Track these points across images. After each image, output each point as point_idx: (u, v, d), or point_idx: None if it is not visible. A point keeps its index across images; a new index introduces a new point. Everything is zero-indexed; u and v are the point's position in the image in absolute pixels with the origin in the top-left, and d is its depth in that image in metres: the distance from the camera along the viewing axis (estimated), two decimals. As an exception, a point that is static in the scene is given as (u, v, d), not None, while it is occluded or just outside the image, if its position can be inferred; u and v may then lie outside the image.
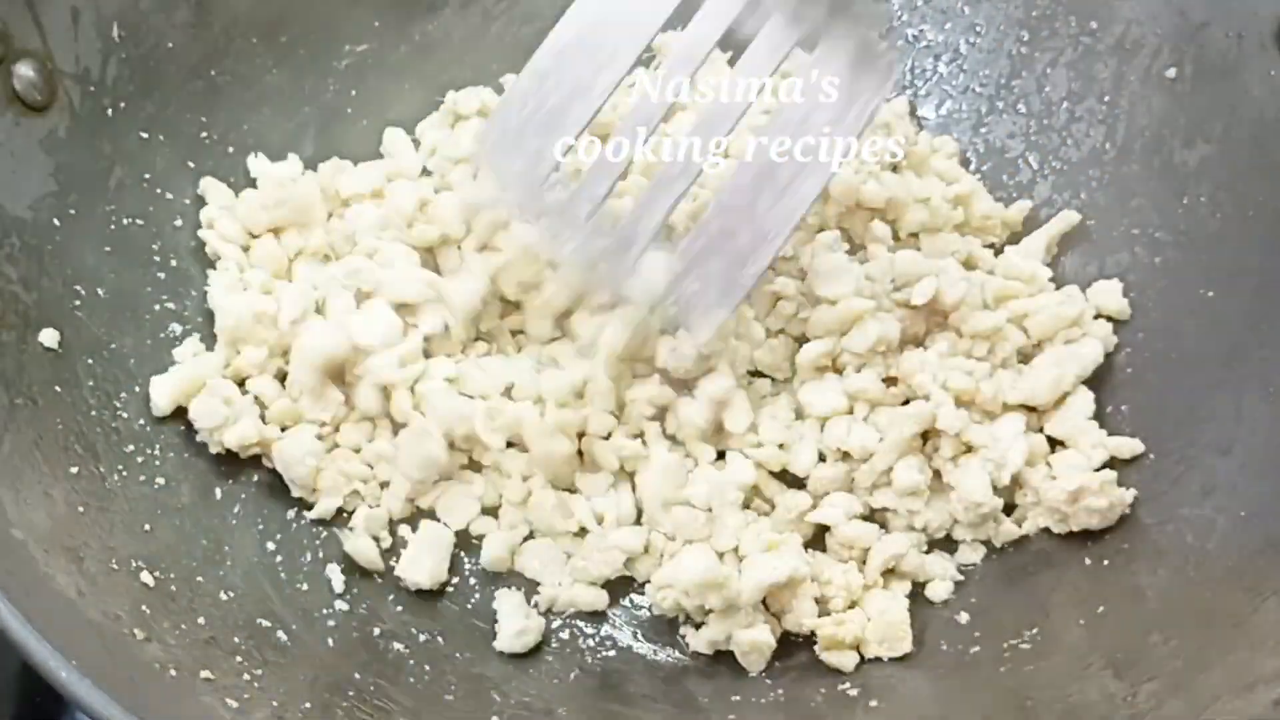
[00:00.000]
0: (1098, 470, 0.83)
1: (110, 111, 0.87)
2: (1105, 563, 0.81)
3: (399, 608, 0.83)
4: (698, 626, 0.82)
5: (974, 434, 0.84)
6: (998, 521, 0.85)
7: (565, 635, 0.84)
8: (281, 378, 0.88)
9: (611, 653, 0.84)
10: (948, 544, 0.86)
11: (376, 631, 0.81)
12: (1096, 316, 0.90)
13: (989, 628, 0.81)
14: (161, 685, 0.68)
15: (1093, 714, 0.72)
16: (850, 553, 0.84)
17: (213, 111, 0.93)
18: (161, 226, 0.90)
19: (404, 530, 0.86)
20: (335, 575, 0.83)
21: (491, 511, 0.87)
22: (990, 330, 0.87)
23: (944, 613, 0.83)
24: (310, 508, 0.85)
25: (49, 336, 0.80)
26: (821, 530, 0.86)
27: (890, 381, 0.87)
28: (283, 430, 0.86)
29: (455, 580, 0.86)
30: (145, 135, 0.90)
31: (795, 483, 0.87)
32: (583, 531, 0.86)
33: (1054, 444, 0.87)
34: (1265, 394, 0.81)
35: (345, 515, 0.86)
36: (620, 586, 0.85)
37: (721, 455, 0.87)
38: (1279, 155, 0.85)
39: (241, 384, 0.87)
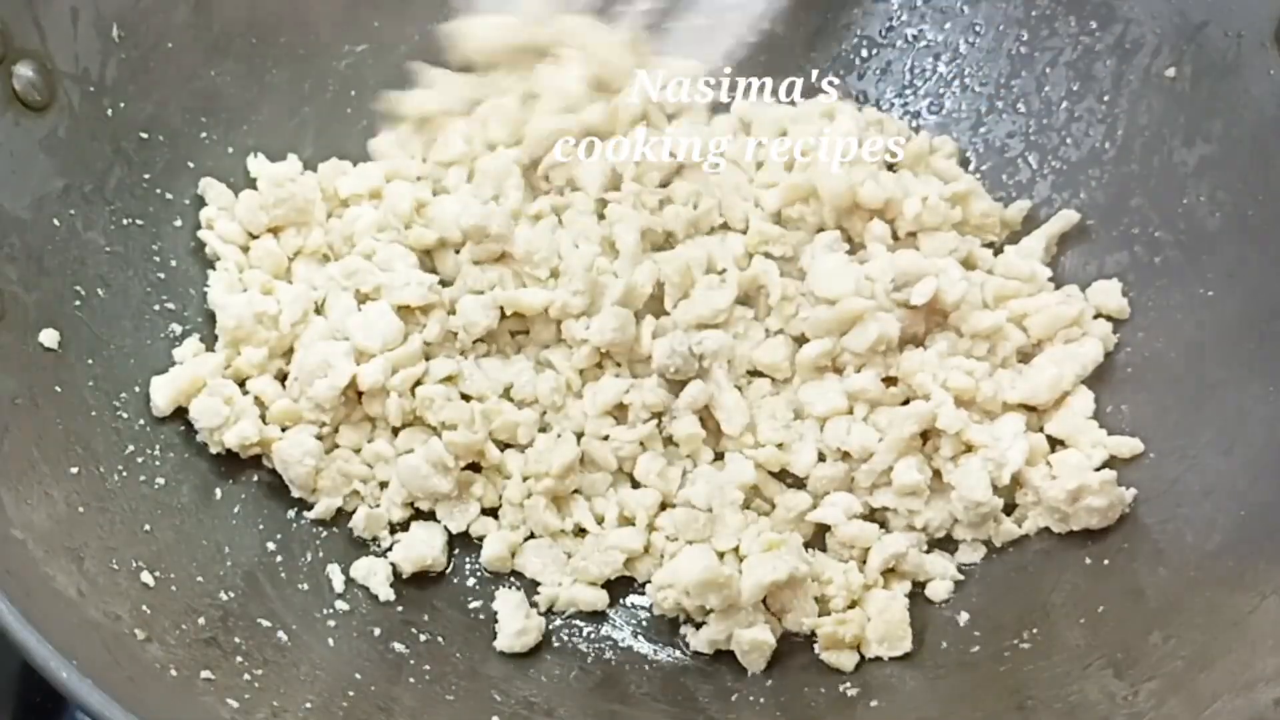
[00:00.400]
0: (1098, 470, 0.83)
1: (110, 111, 0.87)
2: (1105, 562, 0.81)
3: (399, 608, 0.83)
4: (698, 626, 0.82)
5: (974, 434, 0.84)
6: (998, 521, 0.85)
7: (565, 635, 0.84)
8: (281, 378, 0.88)
9: (611, 653, 0.84)
10: (948, 544, 0.86)
11: (376, 631, 0.81)
12: (1096, 316, 0.90)
13: (989, 628, 0.81)
14: (161, 685, 0.68)
15: (1093, 714, 0.72)
16: (850, 552, 0.84)
17: (213, 111, 0.93)
18: (161, 226, 0.90)
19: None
20: (335, 575, 0.83)
21: (491, 512, 0.87)
22: (990, 330, 0.87)
23: (944, 612, 0.83)
24: (310, 508, 0.85)
25: (49, 336, 0.80)
26: (821, 530, 0.86)
27: (890, 381, 0.87)
28: (283, 430, 0.86)
29: (455, 580, 0.86)
30: (145, 135, 0.89)
31: (795, 482, 0.87)
32: (582, 531, 0.86)
33: (1054, 443, 0.87)
34: (1265, 394, 0.81)
35: (345, 515, 0.86)
36: (620, 586, 0.85)
37: (720, 456, 0.87)
38: (1279, 155, 0.85)
39: (242, 384, 0.87)
